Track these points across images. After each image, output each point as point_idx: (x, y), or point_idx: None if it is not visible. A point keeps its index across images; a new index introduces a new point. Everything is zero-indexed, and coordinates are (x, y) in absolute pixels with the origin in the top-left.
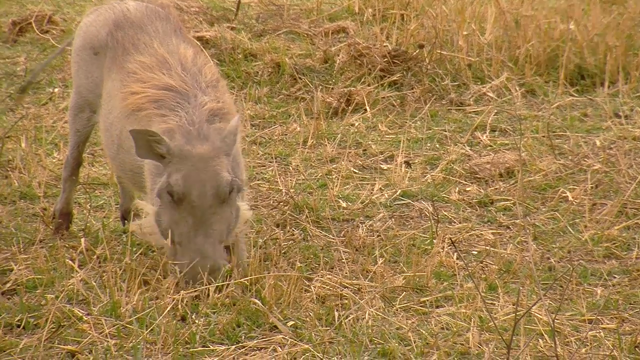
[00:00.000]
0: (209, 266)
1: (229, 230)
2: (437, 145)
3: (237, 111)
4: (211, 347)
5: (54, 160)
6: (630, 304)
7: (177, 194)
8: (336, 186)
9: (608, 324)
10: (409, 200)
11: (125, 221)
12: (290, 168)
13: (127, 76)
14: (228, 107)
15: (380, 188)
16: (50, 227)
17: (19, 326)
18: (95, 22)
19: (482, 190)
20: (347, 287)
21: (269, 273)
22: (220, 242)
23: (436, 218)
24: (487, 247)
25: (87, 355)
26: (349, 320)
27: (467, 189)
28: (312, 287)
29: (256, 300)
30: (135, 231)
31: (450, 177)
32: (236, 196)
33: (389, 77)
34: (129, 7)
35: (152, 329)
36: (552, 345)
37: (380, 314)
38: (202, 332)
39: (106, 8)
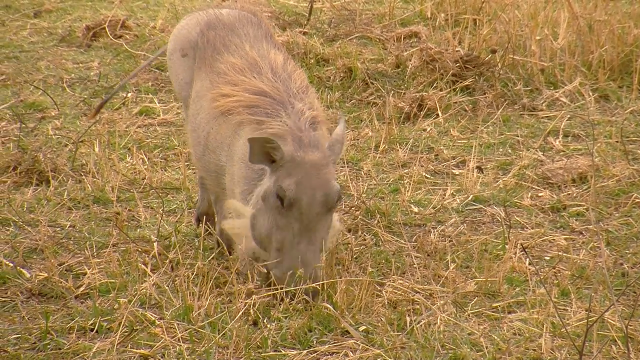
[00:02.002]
0: (310, 275)
1: (327, 239)
2: (510, 151)
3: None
4: (283, 352)
5: (127, 165)
6: None
7: (289, 199)
8: (408, 191)
9: None
10: (481, 206)
11: (199, 223)
12: (362, 173)
13: (217, 77)
14: (321, 115)
15: (452, 193)
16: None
17: (92, 330)
18: (187, 24)
19: (554, 196)
20: (418, 292)
21: (340, 278)
22: (321, 250)
23: (508, 223)
24: (559, 253)
25: (159, 359)
26: (421, 325)
27: (540, 194)
28: (383, 292)
29: (328, 305)
30: (226, 230)
31: (523, 183)
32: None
33: (461, 82)
34: (222, 11)
35: (224, 334)
36: (625, 351)
37: (452, 320)
38: (274, 337)
39: (200, 12)
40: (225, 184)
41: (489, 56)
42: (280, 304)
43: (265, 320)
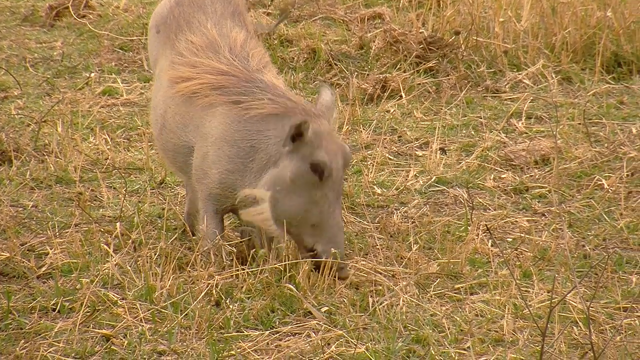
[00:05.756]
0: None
1: None
2: (473, 132)
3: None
4: (245, 332)
5: (90, 145)
6: None
7: (328, 169)
8: (371, 172)
9: None
10: (444, 187)
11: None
12: None
13: (176, 56)
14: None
15: (415, 175)
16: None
17: (54, 310)
18: (165, 1)
19: (517, 178)
20: (381, 273)
21: (303, 259)
22: None
23: (471, 205)
24: (522, 235)
25: (121, 339)
26: (383, 306)
27: (502, 176)
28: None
29: (291, 286)
30: (248, 219)
31: (486, 164)
32: None
33: (424, 64)
34: None
35: (186, 314)
36: (587, 333)
37: (415, 301)
38: (237, 317)
39: None
40: (193, 164)
41: (453, 38)
42: (242, 285)
43: (227, 301)
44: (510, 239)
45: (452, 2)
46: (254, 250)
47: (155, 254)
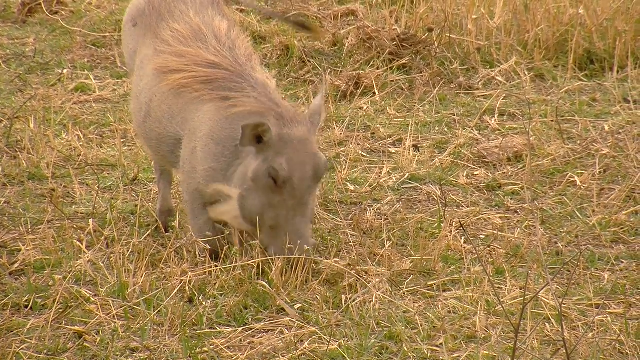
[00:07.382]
0: (306, 247)
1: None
2: (446, 129)
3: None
4: (218, 329)
5: (63, 142)
6: (637, 288)
7: (283, 177)
8: (344, 169)
9: (615, 308)
10: (417, 184)
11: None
12: None
13: (160, 45)
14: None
15: (389, 171)
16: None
17: (26, 307)
18: None
19: (490, 175)
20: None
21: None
22: (311, 222)
23: (444, 202)
24: (494, 231)
25: (94, 336)
26: (356, 303)
27: (475, 173)
28: (322, 269)
29: (264, 283)
30: (216, 215)
31: (459, 161)
32: None
33: (397, 61)
34: None
35: (159, 311)
36: (559, 329)
37: (388, 298)
38: (210, 314)
39: None
40: (181, 156)
41: (426, 35)
42: (215, 282)
43: (200, 298)
44: (483, 236)
45: None
46: (227, 247)
47: (128, 251)
